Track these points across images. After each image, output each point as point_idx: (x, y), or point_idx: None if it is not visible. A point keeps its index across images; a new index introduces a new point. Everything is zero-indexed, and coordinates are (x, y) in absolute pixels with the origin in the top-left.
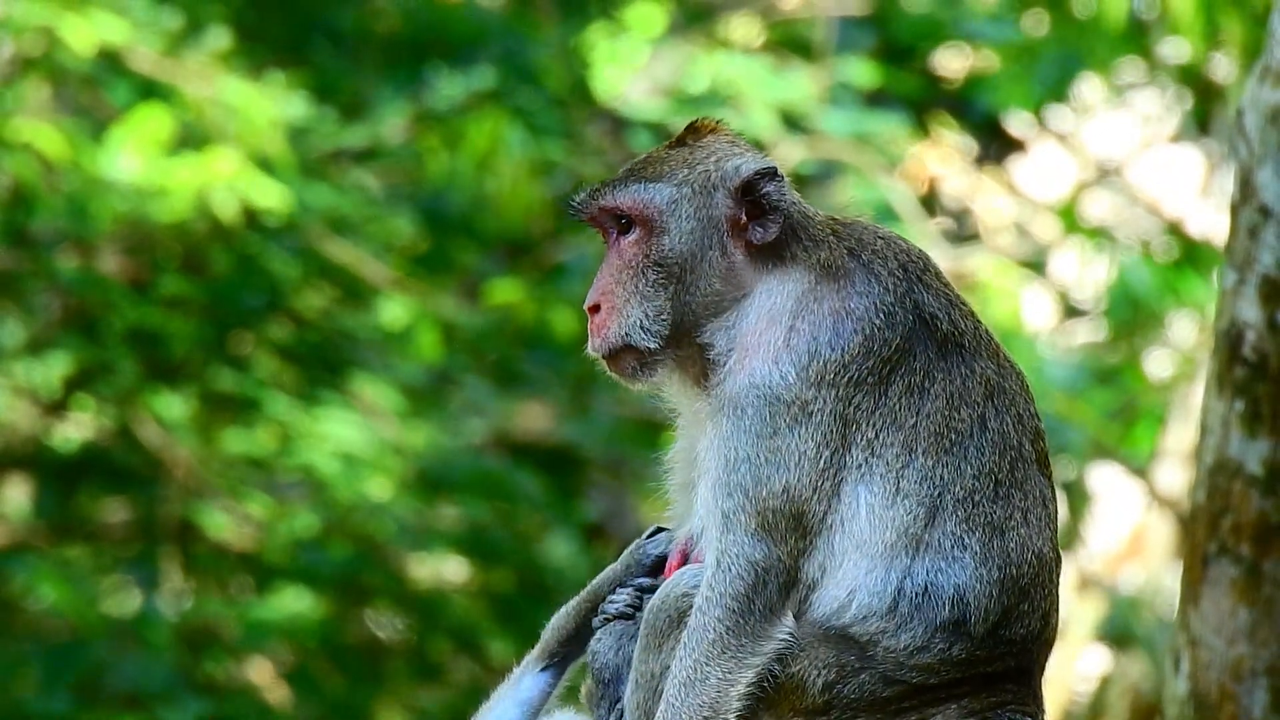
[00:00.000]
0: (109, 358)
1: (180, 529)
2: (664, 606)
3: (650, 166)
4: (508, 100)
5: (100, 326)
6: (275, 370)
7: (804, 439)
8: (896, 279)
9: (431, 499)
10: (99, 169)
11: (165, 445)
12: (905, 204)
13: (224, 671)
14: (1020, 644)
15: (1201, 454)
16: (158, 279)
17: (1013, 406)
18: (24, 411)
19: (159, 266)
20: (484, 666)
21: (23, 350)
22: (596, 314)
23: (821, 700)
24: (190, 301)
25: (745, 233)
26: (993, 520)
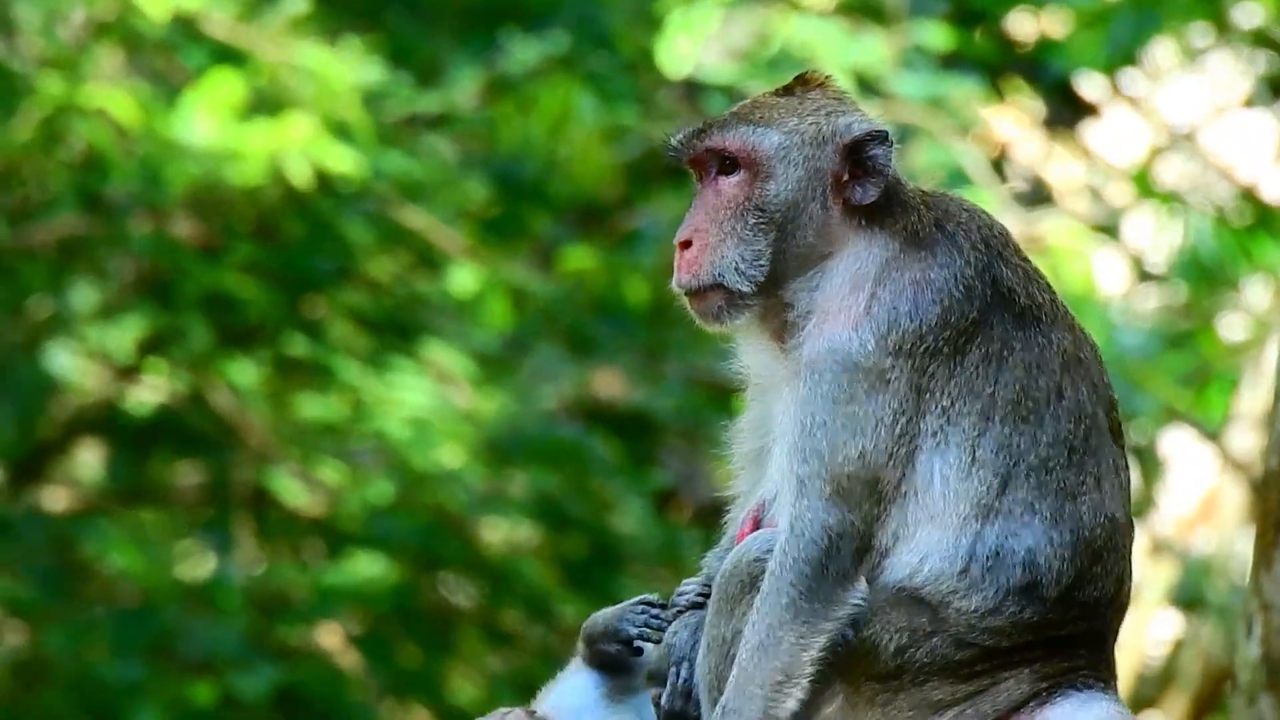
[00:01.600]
0: (181, 322)
1: (253, 494)
2: (736, 572)
3: (758, 111)
4: (580, 66)
5: (173, 291)
6: (347, 336)
7: (881, 406)
8: (979, 252)
9: (503, 466)
10: (172, 134)
11: (237, 410)
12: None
13: (296, 637)
14: (1093, 608)
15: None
16: (231, 244)
17: (1088, 376)
18: (97, 375)
19: (232, 231)
20: (556, 632)
21: (96, 315)
22: (688, 249)
23: (894, 664)
24: (263, 266)
25: (845, 191)
26: (1066, 486)
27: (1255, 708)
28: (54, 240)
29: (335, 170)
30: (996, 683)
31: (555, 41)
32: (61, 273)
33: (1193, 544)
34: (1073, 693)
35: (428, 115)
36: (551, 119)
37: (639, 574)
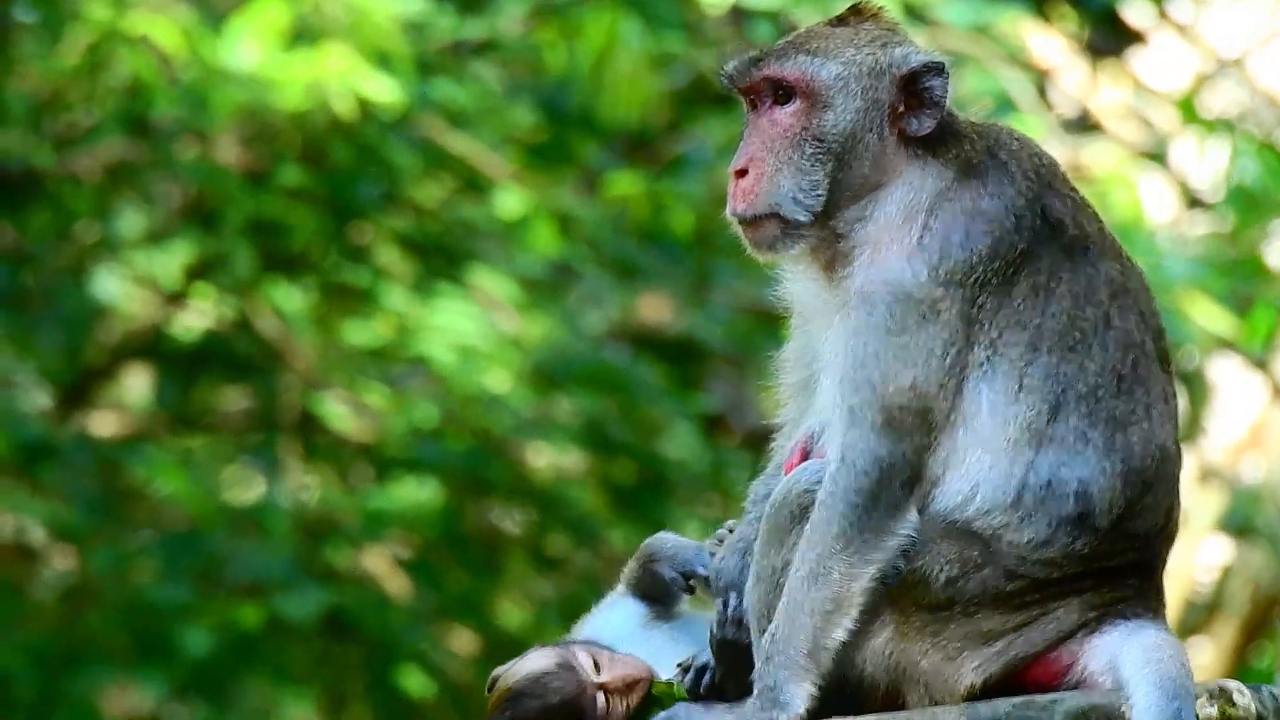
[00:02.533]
0: (228, 248)
1: (299, 419)
2: (785, 502)
3: (814, 41)
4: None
5: (219, 217)
6: (393, 261)
7: (932, 336)
8: (1029, 182)
9: (550, 391)
10: (218, 60)
11: (284, 335)
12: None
13: (343, 561)
14: (1143, 538)
15: None
16: (276, 170)
17: (1136, 305)
18: (144, 301)
19: (278, 157)
20: (603, 558)
21: (142, 240)
22: (743, 178)
23: (944, 595)
24: (309, 192)
25: (900, 122)
26: (1116, 415)
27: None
28: (100, 166)
29: (375, 99)
30: (1046, 613)
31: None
32: (108, 198)
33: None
34: (1121, 622)
35: (473, 42)
36: (598, 45)
37: (686, 499)
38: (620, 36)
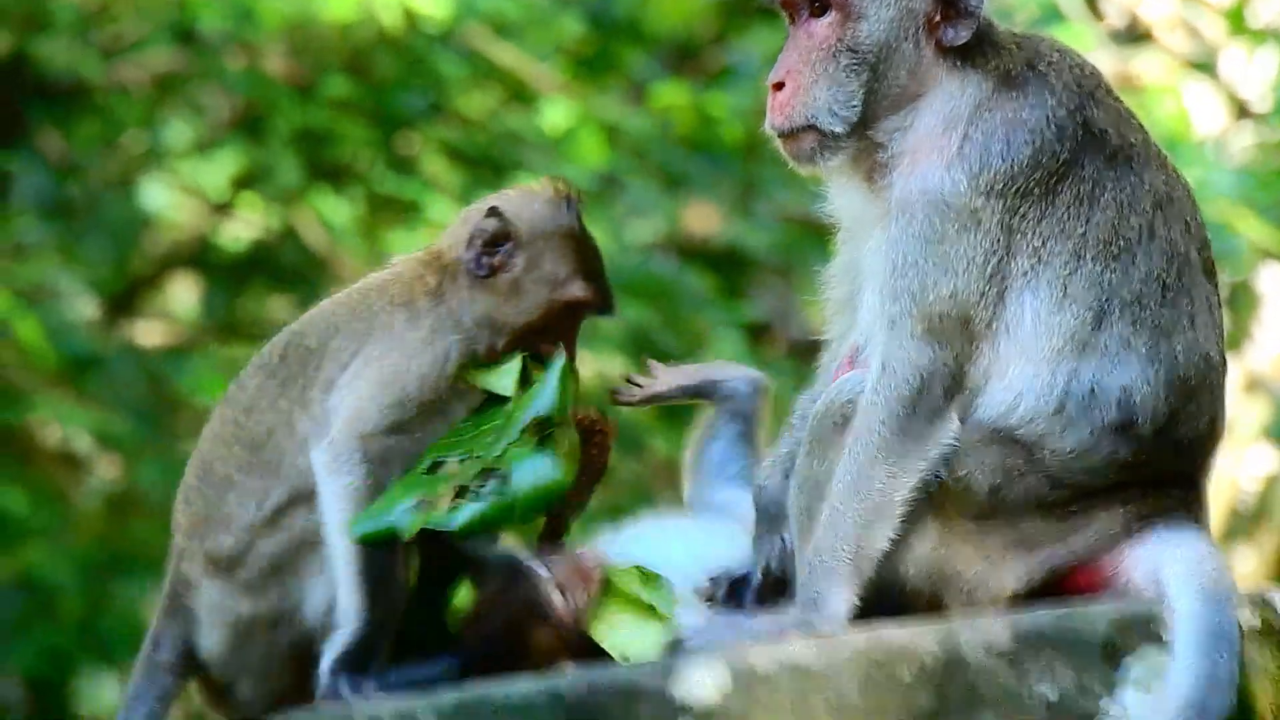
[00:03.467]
0: (274, 159)
1: None
2: (829, 412)
3: None
4: None
5: (266, 128)
6: (439, 172)
7: (972, 245)
8: (1071, 91)
9: None
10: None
11: (329, 246)
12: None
13: None
14: (1186, 447)
15: None
16: (323, 81)
17: (1181, 215)
18: (191, 211)
19: (324, 68)
20: (648, 466)
21: (190, 151)
22: (780, 91)
23: (988, 503)
24: (355, 103)
25: (937, 32)
26: (1160, 323)
27: None
28: (148, 76)
29: (421, 11)
30: (1089, 521)
31: None
32: (155, 109)
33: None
34: (1163, 530)
35: None
36: None
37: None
38: None
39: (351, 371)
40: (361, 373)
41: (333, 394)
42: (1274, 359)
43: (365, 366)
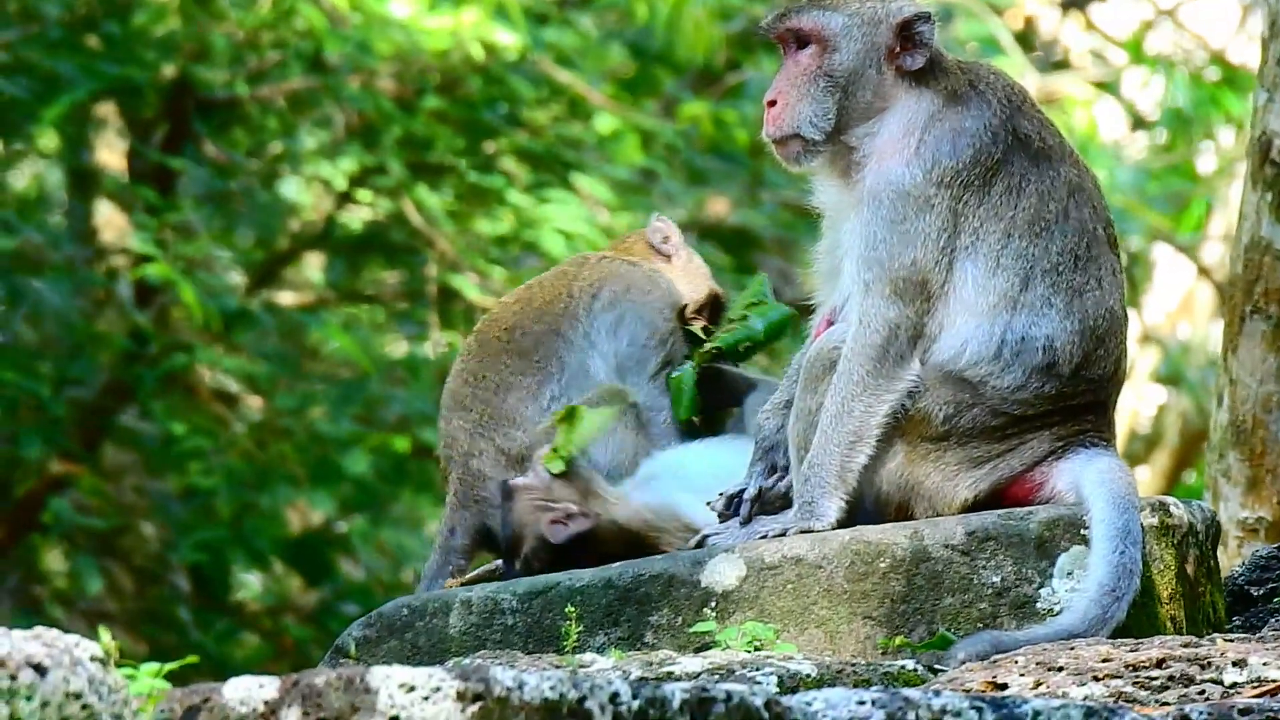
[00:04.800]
0: (384, 159)
1: (440, 292)
2: (819, 357)
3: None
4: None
5: (378, 135)
6: (514, 169)
7: (928, 225)
8: (1003, 105)
9: None
10: (380, 12)
11: (428, 227)
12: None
13: None
14: (1098, 382)
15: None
16: (423, 98)
17: (1089, 201)
18: (320, 200)
19: (424, 88)
20: None
21: (319, 152)
22: (774, 107)
23: (943, 429)
24: (449, 115)
25: (897, 59)
26: (1074, 285)
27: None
28: (285, 94)
29: (498, 45)
30: (1023, 442)
31: None
32: (291, 120)
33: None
34: (1082, 450)
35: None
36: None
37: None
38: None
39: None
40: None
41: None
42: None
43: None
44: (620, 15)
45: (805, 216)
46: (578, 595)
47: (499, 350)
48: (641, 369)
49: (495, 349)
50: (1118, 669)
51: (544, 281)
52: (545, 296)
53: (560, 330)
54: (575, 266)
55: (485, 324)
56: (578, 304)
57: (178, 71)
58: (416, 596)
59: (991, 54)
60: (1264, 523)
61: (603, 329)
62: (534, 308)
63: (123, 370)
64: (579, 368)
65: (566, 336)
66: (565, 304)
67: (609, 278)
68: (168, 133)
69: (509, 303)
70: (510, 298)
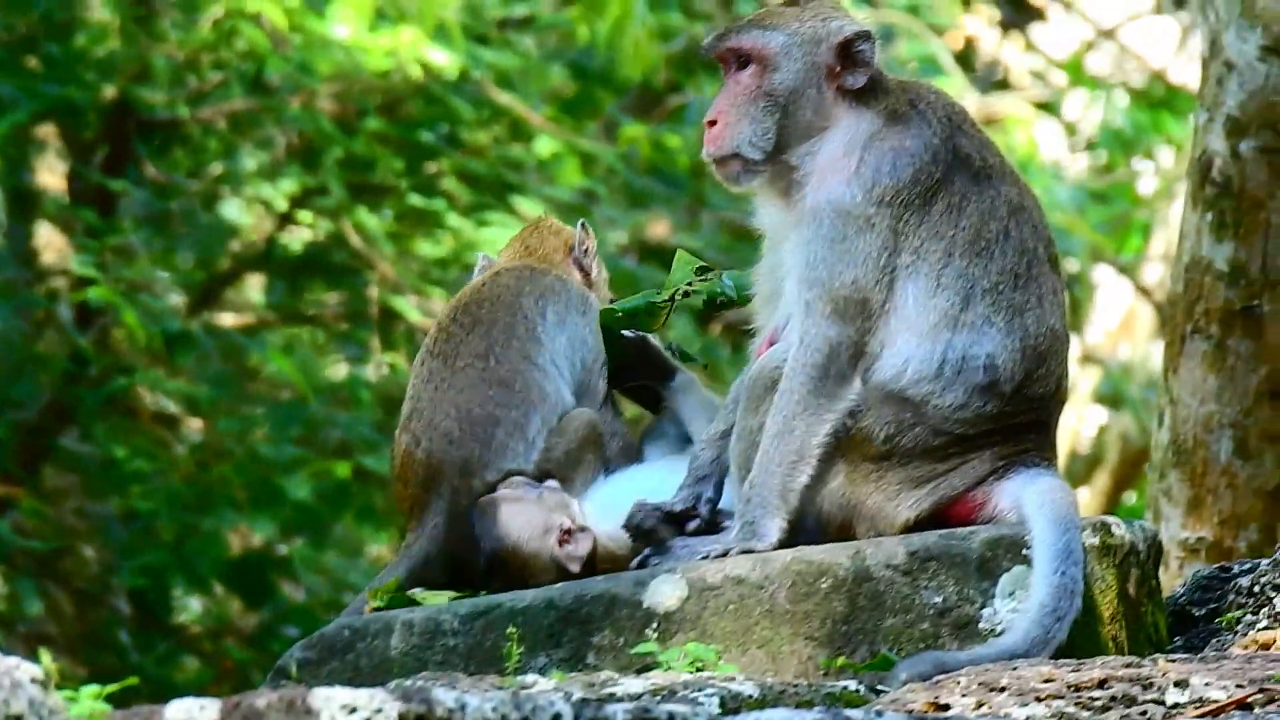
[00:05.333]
0: (325, 180)
1: (380, 314)
2: (760, 377)
3: (768, 18)
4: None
5: (319, 156)
6: (454, 190)
7: (868, 244)
8: (944, 124)
9: None
10: (320, 32)
11: (368, 248)
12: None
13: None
14: (1039, 401)
15: (1180, 255)
16: (363, 119)
17: (1030, 220)
18: (260, 221)
19: (365, 109)
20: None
21: (259, 173)
22: (713, 127)
23: (884, 448)
24: (389, 136)
25: (838, 79)
26: (1014, 304)
27: (1165, 481)
28: (226, 115)
29: (437, 66)
30: (965, 462)
31: None
32: (232, 141)
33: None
34: (1023, 469)
35: (517, 18)
36: (614, 20)
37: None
38: (631, 13)
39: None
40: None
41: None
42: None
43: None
44: (561, 36)
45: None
46: (519, 616)
47: (476, 381)
48: (595, 395)
49: (471, 379)
50: (1060, 689)
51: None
52: (504, 318)
53: (532, 357)
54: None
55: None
56: (533, 325)
57: (118, 93)
58: (358, 618)
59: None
60: (1205, 543)
61: (562, 352)
62: (499, 331)
63: (63, 392)
64: (556, 396)
65: (539, 364)
66: (524, 325)
67: (549, 294)
68: (108, 154)
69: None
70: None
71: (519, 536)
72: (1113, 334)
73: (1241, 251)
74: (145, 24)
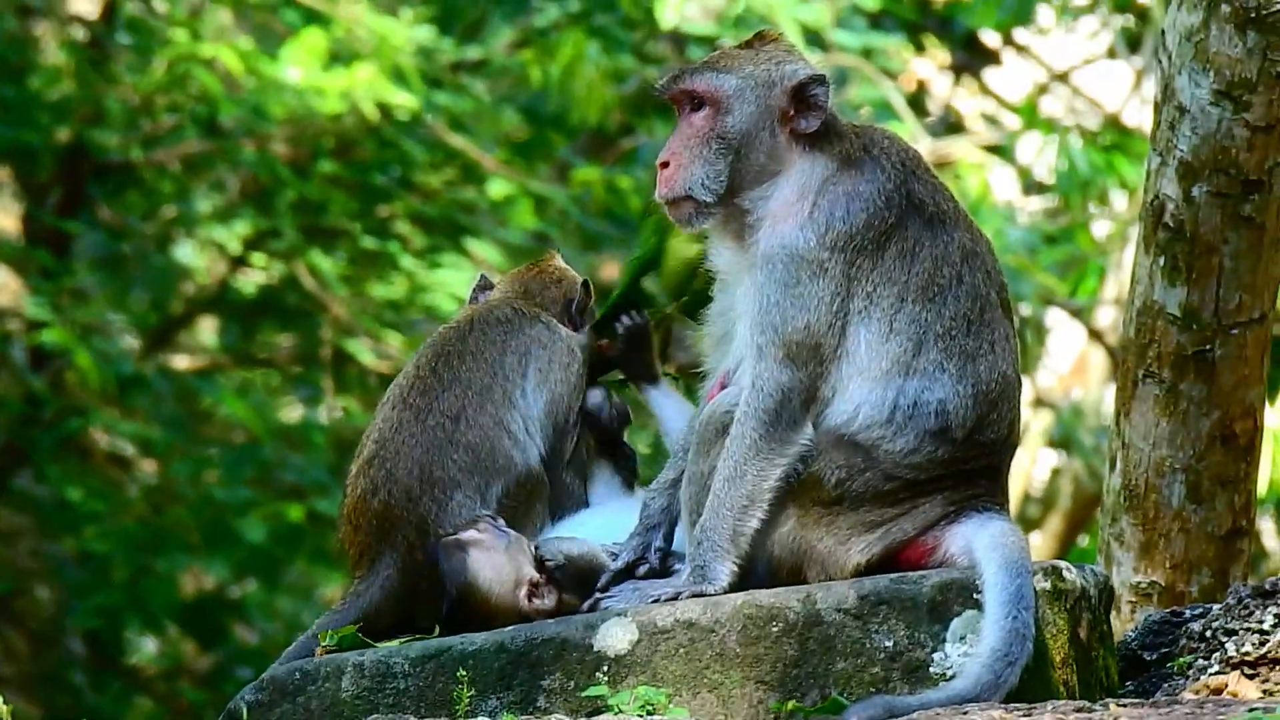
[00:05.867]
0: (278, 223)
1: (334, 356)
2: (710, 420)
3: (722, 60)
4: (590, 22)
5: (272, 198)
6: (408, 233)
7: (821, 289)
8: (898, 169)
9: None
10: (272, 75)
11: (322, 291)
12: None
13: None
14: (990, 446)
15: (1132, 299)
16: (317, 162)
17: (983, 266)
18: (213, 264)
19: (318, 152)
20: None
21: (213, 216)
22: (666, 169)
23: (835, 493)
24: (342, 179)
25: (792, 122)
26: (967, 350)
27: (1117, 525)
28: (180, 158)
29: (393, 105)
30: (915, 506)
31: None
32: (186, 183)
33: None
34: (974, 514)
35: (470, 61)
36: (567, 63)
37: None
38: (584, 56)
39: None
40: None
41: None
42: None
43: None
44: (514, 79)
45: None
46: (470, 659)
47: (445, 442)
48: (560, 457)
49: (440, 439)
50: None
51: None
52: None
53: (505, 425)
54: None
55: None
56: (513, 387)
57: (72, 135)
58: (309, 660)
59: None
60: (1157, 587)
61: (536, 417)
62: (475, 392)
63: (18, 433)
64: (522, 463)
65: (512, 431)
66: (503, 387)
67: (533, 347)
68: (62, 196)
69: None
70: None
71: (488, 587)
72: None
73: (1194, 296)
74: (99, 67)
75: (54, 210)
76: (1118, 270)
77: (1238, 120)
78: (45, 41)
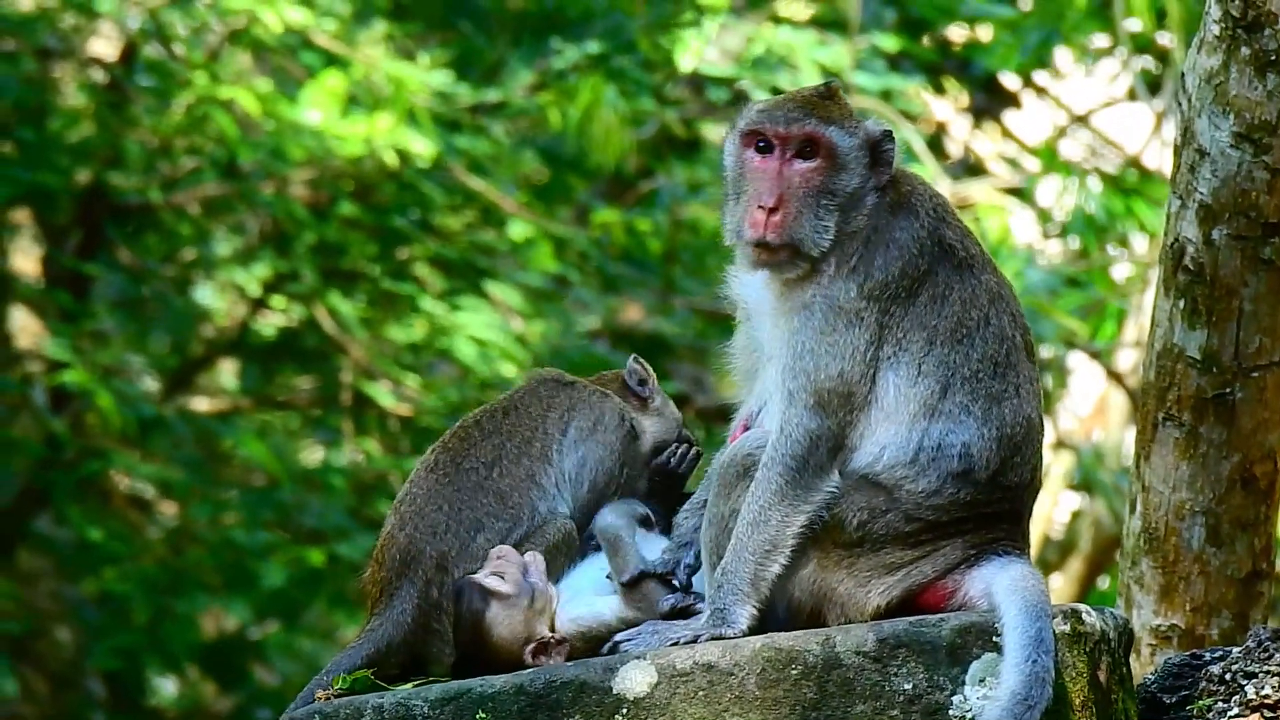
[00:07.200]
0: (298, 265)
1: (354, 399)
2: (732, 463)
3: (833, 110)
4: (609, 65)
5: (291, 241)
6: (427, 276)
7: (856, 338)
8: (930, 216)
9: None
10: (293, 118)
11: (342, 333)
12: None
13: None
14: (1013, 490)
15: (1152, 342)
16: (336, 204)
17: (1008, 309)
18: (233, 306)
19: (337, 195)
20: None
21: (232, 259)
22: (774, 213)
23: (857, 535)
24: (361, 222)
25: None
26: (992, 393)
27: (1137, 568)
28: (199, 200)
29: (412, 151)
30: (936, 549)
31: (589, 46)
32: (205, 226)
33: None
34: (995, 558)
35: (490, 104)
36: (586, 106)
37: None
38: (603, 99)
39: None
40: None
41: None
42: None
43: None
44: (533, 122)
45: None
46: (489, 701)
47: (476, 486)
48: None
49: (473, 482)
50: None
51: (519, 405)
52: (524, 432)
53: (536, 478)
54: (551, 391)
55: (459, 444)
56: (551, 442)
57: (92, 177)
58: (328, 703)
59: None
60: (1177, 630)
61: (569, 474)
62: (514, 444)
63: (38, 476)
64: (548, 513)
65: (542, 485)
66: (542, 442)
67: (579, 406)
68: (82, 239)
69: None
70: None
71: (499, 640)
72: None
73: (1214, 339)
74: (118, 110)
75: (73, 252)
76: (1138, 313)
77: (1258, 163)
78: (64, 84)
